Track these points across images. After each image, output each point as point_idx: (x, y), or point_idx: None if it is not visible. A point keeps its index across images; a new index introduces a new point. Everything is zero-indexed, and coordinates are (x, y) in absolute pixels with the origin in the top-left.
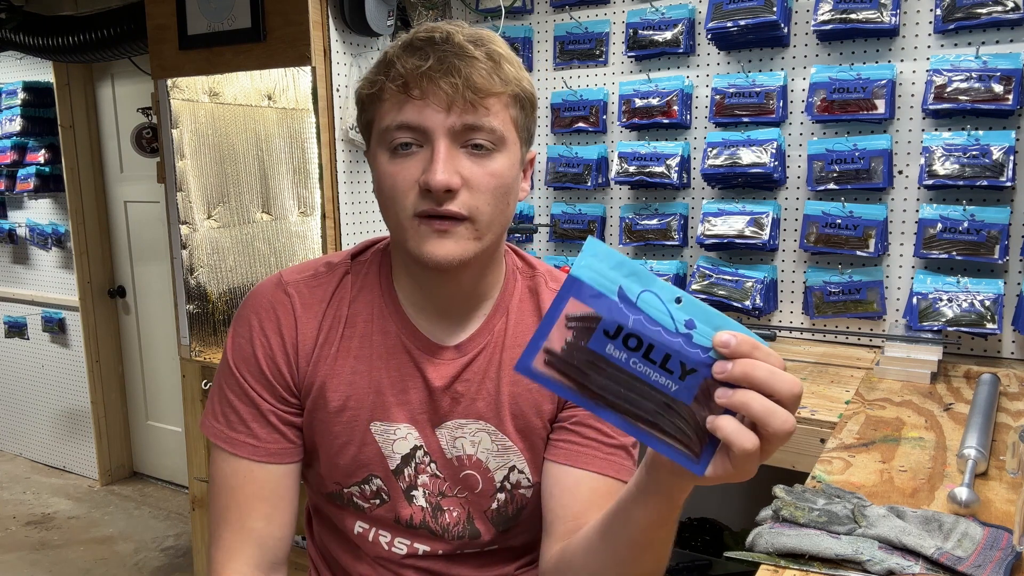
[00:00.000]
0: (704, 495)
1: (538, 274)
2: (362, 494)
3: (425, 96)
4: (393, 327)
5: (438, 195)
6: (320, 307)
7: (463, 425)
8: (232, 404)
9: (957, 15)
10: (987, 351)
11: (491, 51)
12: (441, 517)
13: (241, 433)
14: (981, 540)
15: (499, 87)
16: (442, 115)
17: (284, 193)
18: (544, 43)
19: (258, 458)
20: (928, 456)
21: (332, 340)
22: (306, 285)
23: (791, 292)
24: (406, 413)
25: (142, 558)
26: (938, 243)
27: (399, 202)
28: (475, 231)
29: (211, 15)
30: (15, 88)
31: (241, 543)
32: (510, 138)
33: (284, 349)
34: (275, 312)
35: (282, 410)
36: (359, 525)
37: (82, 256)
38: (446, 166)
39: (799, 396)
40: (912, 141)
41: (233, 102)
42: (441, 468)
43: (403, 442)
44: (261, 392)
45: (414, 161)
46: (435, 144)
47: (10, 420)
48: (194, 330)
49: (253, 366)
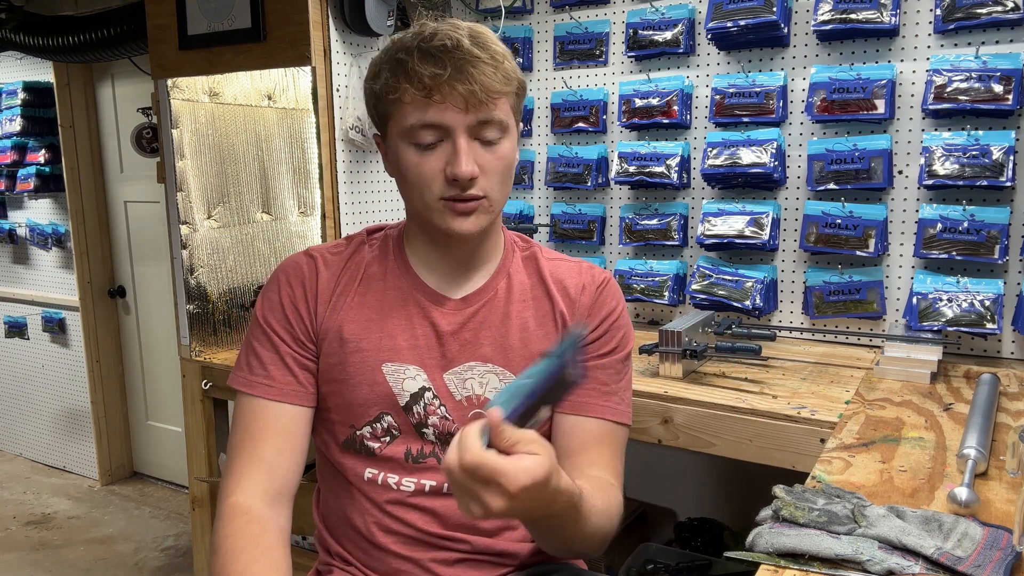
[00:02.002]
0: (704, 495)
1: (533, 246)
2: (373, 433)
3: (445, 100)
4: (404, 283)
5: (463, 183)
6: (339, 266)
7: (472, 367)
8: (256, 352)
9: (957, 15)
10: (987, 351)
11: (494, 54)
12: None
13: (259, 376)
14: (981, 540)
15: (504, 87)
16: (461, 115)
17: (284, 193)
18: (544, 43)
19: (272, 397)
20: (928, 456)
21: (349, 291)
22: (328, 251)
23: (791, 292)
24: (415, 356)
25: (142, 558)
26: (938, 243)
27: (426, 188)
28: (489, 206)
29: (211, 15)
30: (15, 88)
31: (251, 469)
32: (511, 124)
33: (305, 297)
34: (301, 269)
35: (299, 353)
36: (369, 471)
37: (82, 256)
38: (468, 158)
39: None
40: (912, 141)
41: (233, 102)
42: (451, 411)
43: (412, 381)
44: (282, 334)
45: (437, 154)
46: (456, 140)
47: (10, 420)
48: (194, 330)
49: (278, 312)
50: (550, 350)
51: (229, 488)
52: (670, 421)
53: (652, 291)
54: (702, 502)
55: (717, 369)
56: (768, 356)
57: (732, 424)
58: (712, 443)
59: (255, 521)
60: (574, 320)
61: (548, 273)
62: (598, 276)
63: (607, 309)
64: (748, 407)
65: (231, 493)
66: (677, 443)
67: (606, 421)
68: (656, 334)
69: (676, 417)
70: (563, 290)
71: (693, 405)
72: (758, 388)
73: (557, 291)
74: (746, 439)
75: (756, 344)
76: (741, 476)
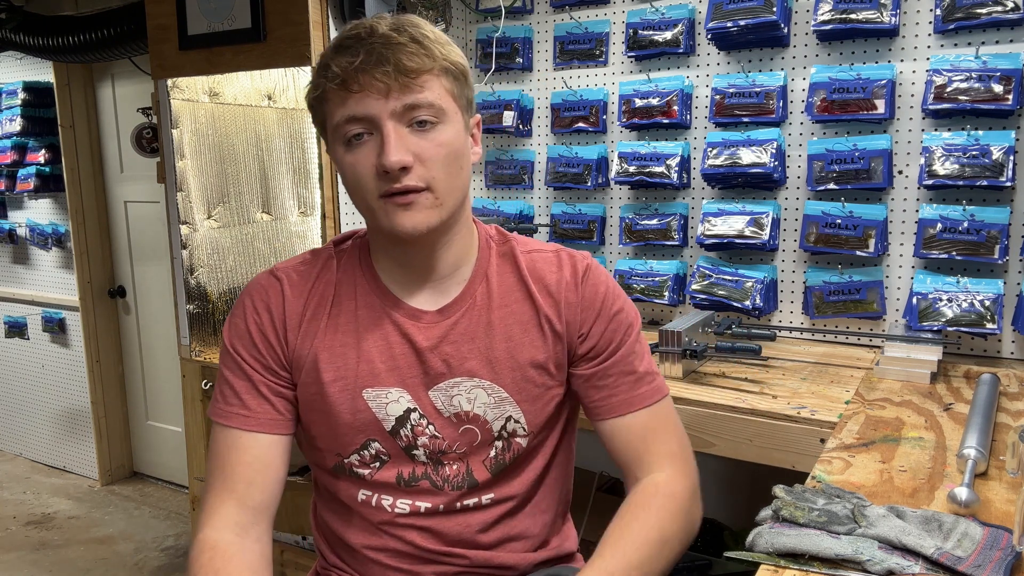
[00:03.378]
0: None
1: (510, 240)
2: (362, 460)
3: (363, 88)
4: (376, 300)
5: (394, 174)
6: (306, 287)
7: (457, 383)
8: (229, 381)
9: (957, 15)
10: (987, 351)
11: (415, 34)
12: (441, 470)
13: (234, 406)
14: (981, 540)
15: (428, 64)
16: (382, 101)
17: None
18: (544, 43)
19: (247, 427)
20: (928, 456)
21: (320, 316)
22: (294, 270)
23: (791, 292)
24: (396, 377)
25: (142, 558)
26: (938, 243)
27: (363, 187)
28: (435, 199)
29: (211, 15)
30: (15, 88)
31: (221, 502)
32: (449, 108)
33: (273, 323)
34: (266, 293)
35: (272, 381)
36: (362, 493)
37: (82, 256)
38: (396, 147)
39: None
40: (912, 141)
41: (233, 102)
42: (440, 428)
43: (395, 404)
44: (252, 363)
45: (368, 148)
46: (383, 129)
47: (10, 420)
48: (194, 330)
49: (247, 340)
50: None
51: (201, 522)
52: None
53: (652, 291)
54: (702, 502)
55: (717, 369)
56: (768, 356)
57: (732, 424)
58: (712, 443)
59: (219, 556)
60: (562, 322)
61: (527, 271)
62: (578, 265)
63: (598, 299)
64: (748, 407)
65: (201, 527)
66: None
67: (647, 408)
68: (656, 334)
69: None
70: (544, 289)
71: (693, 405)
72: (758, 388)
73: (538, 291)
74: (746, 439)
75: (756, 344)
76: (741, 476)
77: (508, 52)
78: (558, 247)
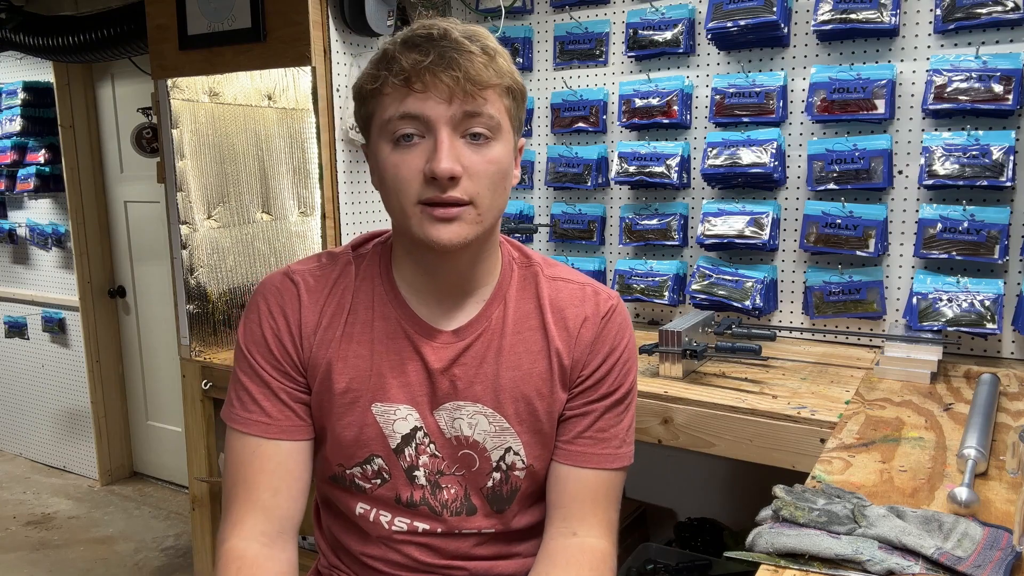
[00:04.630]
0: (704, 495)
1: (534, 263)
2: (364, 475)
3: (427, 88)
4: (393, 313)
5: (443, 182)
6: (323, 293)
7: (461, 407)
8: (245, 386)
9: (957, 15)
10: (987, 351)
11: (486, 46)
12: (440, 494)
13: (253, 412)
14: (981, 540)
15: (495, 79)
16: (444, 106)
17: (284, 193)
18: (544, 43)
19: (268, 435)
20: (928, 456)
21: (336, 324)
22: (311, 274)
23: (791, 292)
24: (406, 394)
25: (142, 558)
26: (938, 243)
27: (404, 191)
28: (477, 215)
29: (211, 15)
30: (15, 88)
31: (246, 513)
32: (505, 126)
33: (289, 329)
34: (282, 297)
35: (290, 387)
36: (360, 506)
37: (82, 256)
38: (449, 155)
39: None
40: (912, 141)
41: (233, 102)
42: (440, 448)
43: (403, 422)
44: (270, 370)
45: (417, 151)
46: (437, 134)
47: (10, 420)
48: (194, 330)
49: (262, 346)
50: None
51: (225, 532)
52: (670, 421)
53: (652, 291)
54: (702, 502)
55: (717, 369)
56: (768, 356)
57: (732, 424)
58: (712, 443)
59: (247, 566)
60: (570, 357)
61: (548, 300)
62: (603, 305)
63: (610, 345)
64: (748, 407)
65: (227, 538)
66: (677, 443)
67: (602, 471)
68: (656, 334)
69: (676, 417)
70: (561, 321)
71: (693, 405)
72: (758, 388)
73: (555, 323)
74: (746, 439)
75: (756, 344)
76: (741, 476)
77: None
78: (588, 280)
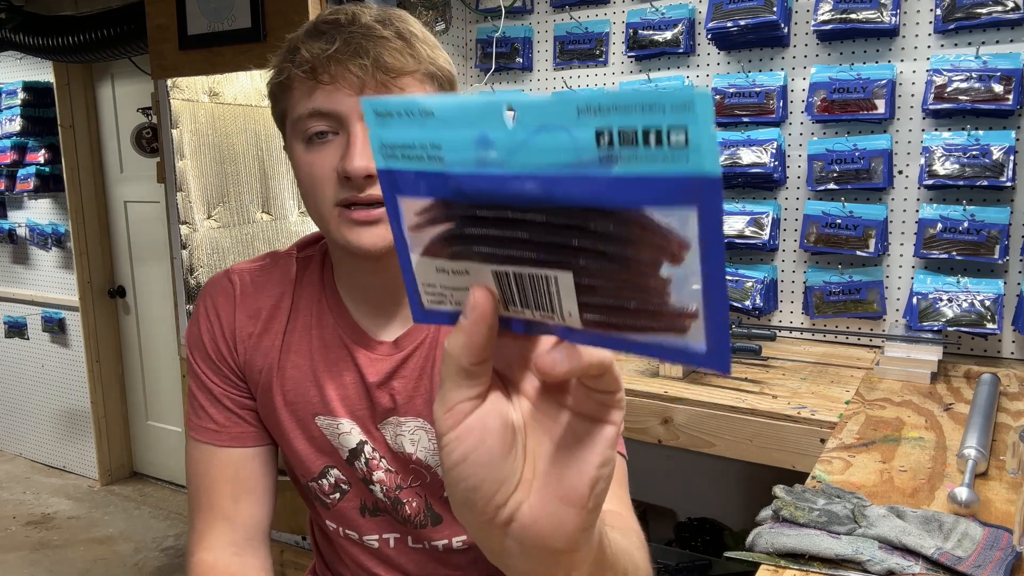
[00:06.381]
0: (704, 495)
1: None
2: (322, 489)
3: (335, 80)
4: (331, 320)
5: (358, 182)
6: (259, 296)
7: (402, 423)
8: (193, 392)
9: (957, 15)
10: (987, 351)
11: (401, 30)
12: (402, 509)
13: (203, 419)
14: (981, 540)
15: (412, 65)
16: (354, 98)
17: (284, 193)
18: (544, 43)
19: (219, 443)
20: (928, 456)
21: (273, 331)
22: (250, 274)
23: (791, 292)
24: (347, 408)
25: (142, 558)
26: (938, 243)
27: (319, 193)
28: None
29: (211, 15)
30: (15, 88)
31: (210, 524)
32: None
33: (223, 333)
34: (219, 298)
35: (234, 393)
36: (329, 523)
37: (82, 256)
38: (363, 152)
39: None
40: (912, 141)
41: (233, 102)
42: (391, 463)
43: (348, 436)
44: (212, 376)
45: (330, 149)
46: (350, 129)
47: (10, 420)
48: None
49: (202, 350)
50: None
51: (192, 545)
52: (670, 421)
53: None
54: (702, 502)
55: None
56: (768, 356)
57: (732, 424)
58: (712, 443)
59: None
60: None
61: None
62: None
63: None
64: (748, 407)
65: (195, 551)
66: (677, 443)
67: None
68: None
69: (676, 417)
70: None
71: (693, 405)
72: (758, 388)
73: None
74: (746, 439)
75: (756, 344)
76: (741, 476)
77: (508, 52)
78: None
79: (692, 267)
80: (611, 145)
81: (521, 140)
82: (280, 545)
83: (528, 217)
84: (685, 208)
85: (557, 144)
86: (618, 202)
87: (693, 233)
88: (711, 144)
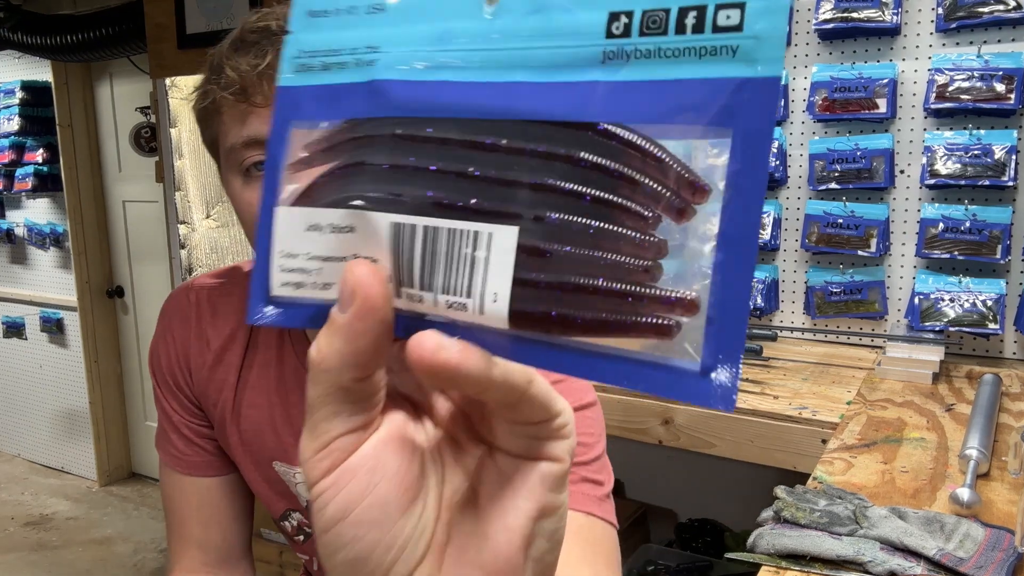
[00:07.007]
0: (705, 496)
1: None
2: (286, 530)
3: (270, 101)
4: (292, 359)
5: None
6: (216, 321)
7: None
8: (158, 416)
9: (959, 14)
10: (989, 351)
11: None
12: None
13: (167, 443)
14: (983, 541)
15: None
16: None
17: None
18: None
19: (182, 470)
20: (930, 457)
21: (227, 362)
22: (209, 295)
23: (792, 292)
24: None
25: (141, 559)
26: (940, 243)
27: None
28: None
29: (210, 14)
30: (13, 87)
31: (183, 548)
32: None
33: (178, 358)
34: (175, 319)
35: (192, 422)
36: (301, 555)
37: (80, 256)
38: None
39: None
40: (914, 140)
41: None
42: None
43: (304, 486)
44: (171, 402)
45: None
46: None
47: (8, 421)
48: None
49: (160, 374)
50: None
51: (170, 567)
52: (671, 422)
53: None
54: (703, 503)
55: None
56: (769, 356)
57: (733, 425)
58: (713, 444)
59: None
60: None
61: None
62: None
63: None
64: (749, 408)
65: (171, 572)
66: (678, 444)
67: (592, 517)
68: None
69: (677, 418)
70: None
71: (694, 405)
72: (759, 388)
73: None
74: (747, 440)
75: (757, 344)
76: (742, 477)
77: None
78: None
79: (707, 227)
80: (627, 34)
81: (498, 31)
82: (280, 546)
83: (473, 139)
84: (716, 130)
85: (549, 32)
86: (613, 119)
87: (720, 173)
88: (776, 34)
